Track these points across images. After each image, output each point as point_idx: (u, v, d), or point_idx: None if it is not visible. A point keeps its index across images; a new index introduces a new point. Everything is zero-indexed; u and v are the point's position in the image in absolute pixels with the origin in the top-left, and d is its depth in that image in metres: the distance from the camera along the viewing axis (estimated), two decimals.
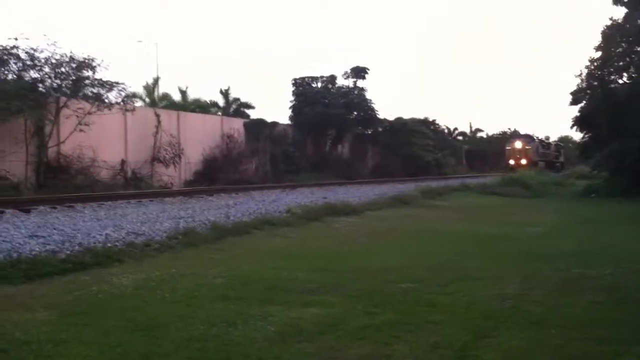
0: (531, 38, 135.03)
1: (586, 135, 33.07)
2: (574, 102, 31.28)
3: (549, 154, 63.94)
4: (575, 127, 32.35)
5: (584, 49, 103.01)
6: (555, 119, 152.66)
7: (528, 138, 59.28)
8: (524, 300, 6.69)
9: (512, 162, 54.94)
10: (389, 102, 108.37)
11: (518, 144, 56.96)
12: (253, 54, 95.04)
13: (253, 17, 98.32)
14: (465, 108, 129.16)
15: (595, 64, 30.09)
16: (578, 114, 31.22)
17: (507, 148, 57.81)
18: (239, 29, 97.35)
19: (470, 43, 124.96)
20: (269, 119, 34.62)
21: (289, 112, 38.12)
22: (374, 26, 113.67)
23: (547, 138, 74.37)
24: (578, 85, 31.18)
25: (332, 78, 39.32)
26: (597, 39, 29.83)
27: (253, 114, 38.16)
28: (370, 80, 45.59)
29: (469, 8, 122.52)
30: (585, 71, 30.58)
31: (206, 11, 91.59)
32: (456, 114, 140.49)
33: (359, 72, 39.89)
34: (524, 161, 54.21)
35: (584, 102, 30.89)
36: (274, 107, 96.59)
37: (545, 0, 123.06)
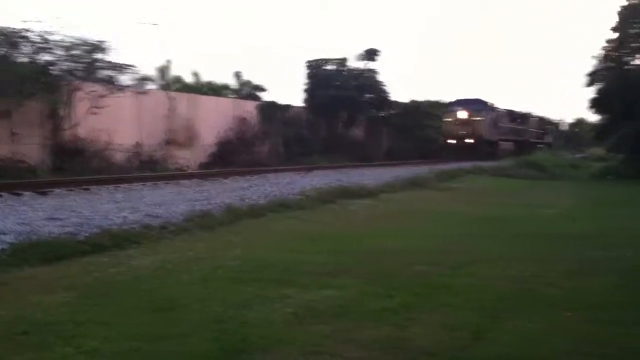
0: (547, 18, 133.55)
1: (602, 117, 32.80)
2: (590, 84, 30.98)
3: (521, 131, 46.87)
4: (591, 109, 32.10)
5: (600, 30, 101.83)
6: (570, 101, 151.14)
7: (478, 104, 39.76)
8: (539, 282, 6.70)
9: (452, 140, 38.74)
10: (403, 84, 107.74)
11: (462, 114, 39.05)
12: (265, 39, 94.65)
13: (266, 2, 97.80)
14: (479, 90, 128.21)
15: (612, 44, 29.77)
16: (594, 96, 30.95)
17: (445, 120, 39.95)
18: (251, 14, 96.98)
19: (483, 25, 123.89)
20: (282, 102, 34.59)
21: (302, 95, 38.06)
22: (387, 6, 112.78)
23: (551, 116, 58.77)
24: (594, 66, 30.90)
25: (345, 60, 39.13)
26: (615, 20, 29.54)
27: (266, 97, 38.13)
28: (382, 62, 45.19)
29: None
30: (601, 52, 30.30)
31: None
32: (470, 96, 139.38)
33: (371, 54, 39.65)
34: (469, 140, 38.25)
35: (600, 83, 30.60)
36: (287, 90, 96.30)
37: None
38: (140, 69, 23.49)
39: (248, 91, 38.81)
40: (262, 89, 39.36)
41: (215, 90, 37.36)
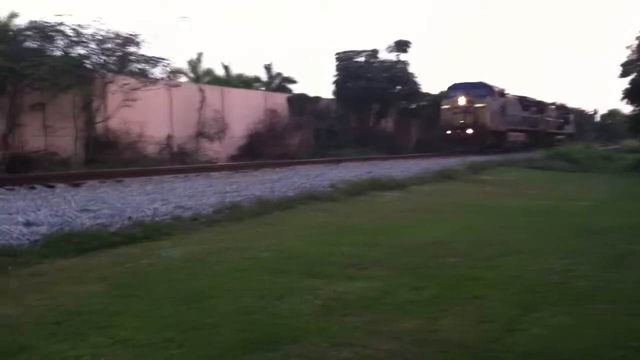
0: (578, 9, 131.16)
1: (637, 108, 32.20)
2: (623, 75, 30.43)
3: (536, 120, 42.18)
4: (625, 100, 31.53)
5: (634, 20, 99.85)
6: (603, 93, 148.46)
7: (481, 89, 35.02)
8: (570, 275, 6.60)
9: (449, 132, 34.60)
10: (433, 76, 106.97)
11: (461, 100, 34.39)
12: (296, 30, 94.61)
13: None
14: (510, 81, 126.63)
15: None
16: (628, 86, 30.38)
17: (443, 107, 35.54)
18: (282, 6, 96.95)
19: (511, 14, 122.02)
20: (312, 94, 34.60)
21: (332, 87, 38.02)
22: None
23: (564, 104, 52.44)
24: (628, 56, 30.32)
25: (375, 52, 38.99)
26: None
27: (296, 89, 38.18)
28: (413, 53, 44.96)
29: None
30: (635, 42, 29.73)
31: None
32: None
33: (402, 46, 39.47)
34: (470, 130, 33.95)
35: (634, 74, 30.03)
36: (317, 82, 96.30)
37: None
38: (172, 61, 23.74)
39: (278, 83, 38.91)
40: (292, 81, 39.47)
41: (246, 82, 37.54)
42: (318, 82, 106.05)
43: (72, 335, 4.59)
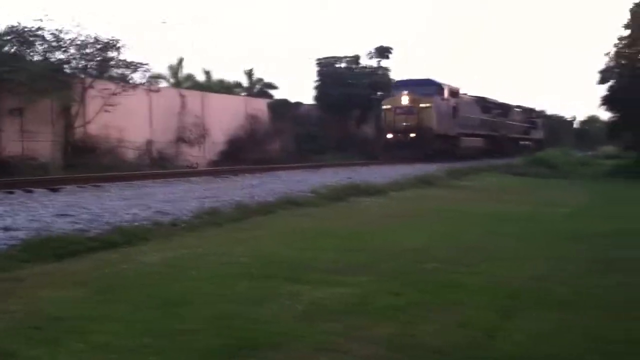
0: (556, 15, 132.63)
1: (614, 115, 32.61)
2: (602, 81, 30.82)
3: (497, 124, 38.24)
4: (603, 106, 31.94)
5: (612, 27, 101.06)
6: (580, 99, 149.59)
7: (428, 86, 30.50)
8: (552, 281, 6.65)
9: (390, 135, 30.21)
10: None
11: (404, 99, 29.82)
12: (276, 37, 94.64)
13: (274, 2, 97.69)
14: (491, 89, 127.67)
15: (624, 42, 29.60)
16: (606, 93, 30.77)
17: (385, 107, 31.10)
18: (262, 12, 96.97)
19: (493, 20, 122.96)
20: (294, 100, 34.65)
21: (313, 93, 38.07)
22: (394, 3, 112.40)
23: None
24: (606, 63, 30.73)
25: (356, 58, 39.06)
26: (626, 17, 29.39)
27: (277, 95, 38.19)
28: (394, 60, 45.08)
29: None
30: (613, 49, 30.14)
31: None
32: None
33: (383, 52, 39.57)
34: (413, 134, 29.51)
35: (613, 81, 30.42)
36: (298, 88, 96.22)
37: None
38: (152, 67, 23.64)
39: (259, 89, 38.90)
40: (273, 87, 39.47)
41: (227, 88, 37.49)
42: (301, 87, 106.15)
43: (52, 340, 4.55)
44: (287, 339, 4.65)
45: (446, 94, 31.47)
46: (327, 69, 38.32)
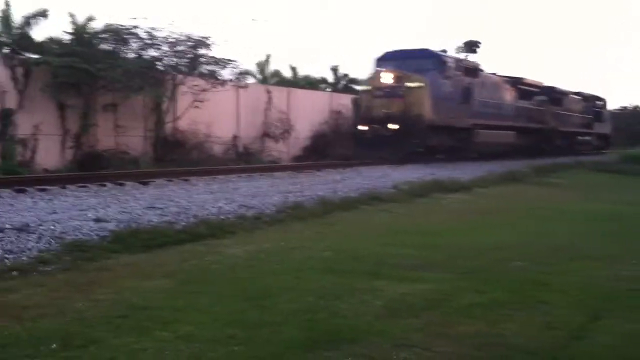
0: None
1: None
2: None
3: (536, 114, 29.76)
4: None
5: None
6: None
7: (423, 60, 22.72)
8: None
9: (364, 127, 22.19)
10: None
11: (385, 77, 21.85)
12: (361, 30, 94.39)
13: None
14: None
15: None
16: None
17: (362, 89, 24.69)
18: (346, 7, 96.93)
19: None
20: None
21: None
22: None
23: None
24: None
25: (443, 52, 38.53)
26: None
27: None
28: (482, 53, 44.00)
29: None
30: None
31: None
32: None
33: (472, 46, 38.83)
34: (393, 125, 21.19)
35: None
36: None
37: None
38: (240, 63, 24.02)
39: (344, 85, 38.92)
40: (358, 82, 39.36)
41: (312, 84, 37.65)
42: None
43: (138, 329, 4.71)
44: (368, 333, 4.66)
45: (451, 69, 23.44)
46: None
